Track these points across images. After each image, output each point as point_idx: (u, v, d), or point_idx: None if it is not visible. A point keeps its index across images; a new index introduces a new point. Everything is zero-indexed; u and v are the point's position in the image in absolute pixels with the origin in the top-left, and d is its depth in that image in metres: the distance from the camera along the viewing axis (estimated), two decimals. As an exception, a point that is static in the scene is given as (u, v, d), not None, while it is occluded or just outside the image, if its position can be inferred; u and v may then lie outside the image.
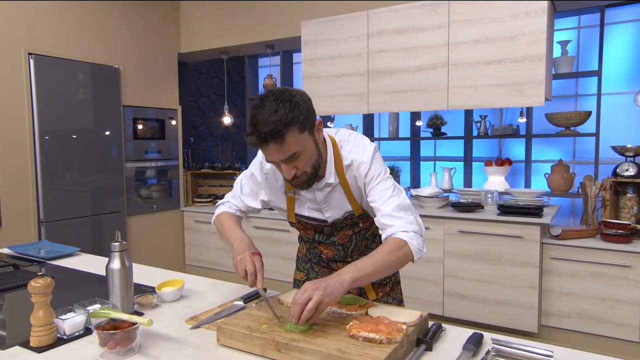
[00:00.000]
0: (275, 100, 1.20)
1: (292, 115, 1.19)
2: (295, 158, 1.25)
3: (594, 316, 2.80)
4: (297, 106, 1.21)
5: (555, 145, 4.07)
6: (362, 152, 1.38)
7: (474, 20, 3.00)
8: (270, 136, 1.19)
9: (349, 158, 1.39)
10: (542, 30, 2.81)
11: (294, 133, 1.21)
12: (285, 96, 1.22)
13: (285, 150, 1.22)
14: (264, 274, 1.29)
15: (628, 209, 2.92)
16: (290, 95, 1.23)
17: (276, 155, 1.24)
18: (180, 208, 4.63)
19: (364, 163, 1.37)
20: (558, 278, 2.88)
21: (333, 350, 1.07)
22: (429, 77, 3.18)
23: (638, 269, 2.67)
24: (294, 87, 4.86)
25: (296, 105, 1.21)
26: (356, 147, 1.40)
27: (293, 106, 1.20)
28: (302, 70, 3.76)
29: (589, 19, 3.83)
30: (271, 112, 1.18)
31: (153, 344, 1.22)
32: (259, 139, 1.20)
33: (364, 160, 1.37)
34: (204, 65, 5.45)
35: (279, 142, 1.20)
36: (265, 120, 1.18)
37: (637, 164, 2.88)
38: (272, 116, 1.18)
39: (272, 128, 1.18)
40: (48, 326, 1.20)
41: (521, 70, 2.90)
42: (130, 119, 4.18)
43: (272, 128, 1.18)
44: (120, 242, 1.41)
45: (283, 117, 1.18)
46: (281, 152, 1.23)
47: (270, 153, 1.25)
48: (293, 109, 1.20)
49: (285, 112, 1.19)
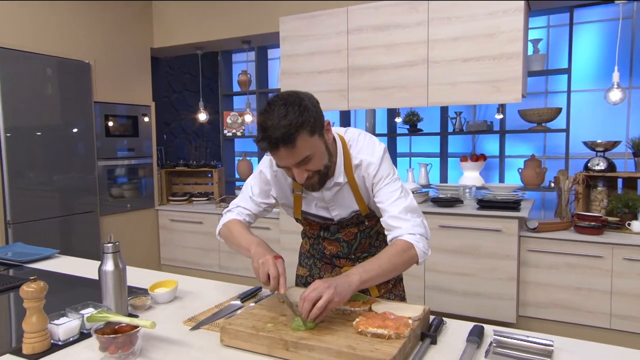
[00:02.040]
0: (284, 104, 1.19)
1: (302, 119, 1.18)
2: (306, 161, 1.24)
3: (569, 305, 2.91)
4: (306, 109, 1.20)
5: (526, 141, 4.20)
6: (372, 153, 1.38)
7: (453, 18, 3.05)
8: (282, 141, 1.17)
9: (358, 158, 1.39)
10: (519, 28, 2.89)
11: (304, 137, 1.20)
12: (294, 100, 1.20)
13: (296, 155, 1.21)
14: (286, 278, 1.26)
15: (598, 202, 3.04)
16: (298, 98, 1.21)
17: (288, 160, 1.23)
18: (154, 207, 4.52)
19: (373, 163, 1.37)
20: (535, 269, 2.97)
21: (343, 347, 1.07)
22: (408, 74, 3.22)
23: (609, 259, 2.78)
24: (269, 83, 4.83)
25: (305, 109, 1.20)
26: (365, 147, 1.40)
27: (302, 110, 1.19)
28: (281, 66, 3.73)
29: (558, 19, 3.96)
30: (281, 116, 1.17)
31: (154, 346, 1.19)
32: (270, 144, 1.19)
33: (373, 160, 1.37)
34: (176, 60, 5.32)
35: (291, 146, 1.19)
36: (276, 125, 1.16)
37: (607, 158, 3.00)
38: (282, 121, 1.16)
39: (283, 133, 1.16)
40: (42, 332, 1.15)
41: (499, 67, 2.97)
42: (102, 115, 4.04)
43: (283, 133, 1.16)
44: (113, 243, 1.36)
45: (293, 121, 1.17)
46: (293, 156, 1.21)
47: (281, 158, 1.23)
48: (303, 113, 1.18)
49: (295, 116, 1.17)
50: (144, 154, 4.45)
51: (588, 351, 1.17)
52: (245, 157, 5.09)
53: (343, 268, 1.57)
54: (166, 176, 4.71)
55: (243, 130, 5.05)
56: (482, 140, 4.35)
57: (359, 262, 1.56)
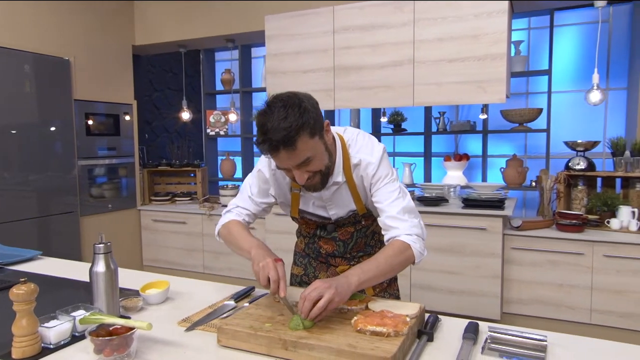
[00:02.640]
0: (284, 106, 1.17)
1: (302, 120, 1.17)
2: (307, 163, 1.24)
3: (551, 302, 2.97)
4: (306, 111, 1.19)
5: (508, 141, 4.27)
6: (371, 153, 1.38)
7: (439, 19, 3.08)
8: (282, 144, 1.16)
9: (357, 157, 1.39)
10: (503, 30, 2.93)
11: (305, 138, 1.19)
12: (294, 101, 1.19)
13: (297, 157, 1.21)
14: (286, 282, 1.25)
15: (579, 200, 3.12)
16: (298, 100, 1.20)
17: (288, 162, 1.22)
18: (137, 207, 4.44)
19: (372, 163, 1.37)
20: (518, 267, 3.03)
21: (344, 346, 1.06)
22: (394, 74, 3.24)
23: (590, 256, 2.85)
24: (253, 82, 4.79)
25: (305, 110, 1.19)
26: (364, 147, 1.40)
27: (302, 111, 1.18)
28: (266, 65, 3.71)
29: (538, 21, 4.04)
30: (280, 118, 1.15)
31: (149, 348, 1.17)
32: (271, 147, 1.18)
33: (373, 160, 1.37)
34: (157, 58, 5.25)
35: (291, 149, 1.18)
36: (276, 127, 1.15)
37: (587, 158, 3.07)
38: (282, 123, 1.15)
39: (283, 135, 1.15)
40: (32, 335, 1.12)
41: (484, 68, 3.01)
42: (82, 114, 3.95)
43: (283, 135, 1.15)
44: (105, 243, 1.33)
45: (293, 123, 1.15)
46: (293, 158, 1.21)
47: (282, 160, 1.22)
48: (303, 114, 1.17)
49: (295, 118, 1.16)
50: (126, 153, 4.37)
51: (581, 346, 1.19)
52: (228, 157, 5.05)
53: (338, 267, 1.57)
54: (148, 176, 4.64)
55: (226, 129, 5.01)
56: (464, 140, 4.41)
57: (355, 261, 1.56)
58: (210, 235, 4.08)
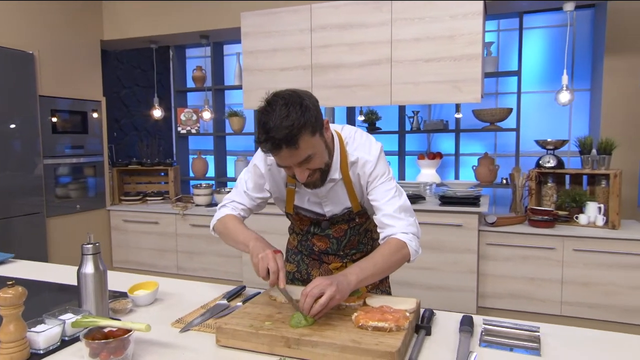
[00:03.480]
0: (285, 104, 1.17)
1: (304, 119, 1.17)
2: (308, 161, 1.24)
3: (524, 295, 3.07)
4: (307, 109, 1.19)
5: (478, 140, 4.39)
6: (369, 151, 1.39)
7: (416, 19, 3.13)
8: (284, 142, 1.16)
9: (355, 155, 1.39)
10: (478, 31, 3.00)
11: (306, 137, 1.19)
12: (295, 99, 1.19)
13: (299, 155, 1.20)
14: (285, 273, 1.24)
15: (549, 197, 3.23)
16: (299, 98, 1.20)
17: (290, 160, 1.22)
18: (106, 207, 4.30)
19: (370, 162, 1.38)
20: (493, 262, 3.11)
21: (347, 342, 1.07)
22: (372, 72, 3.26)
23: (560, 251, 2.96)
24: (226, 79, 4.73)
25: (307, 109, 1.19)
26: (362, 145, 1.40)
27: (304, 109, 1.18)
28: (243, 62, 3.66)
29: (507, 23, 4.17)
30: (282, 117, 1.15)
31: (145, 350, 1.13)
32: (274, 145, 1.17)
33: (370, 159, 1.38)
34: (125, 54, 5.09)
35: (293, 147, 1.18)
36: (278, 125, 1.15)
37: (556, 156, 3.19)
38: (284, 121, 1.15)
39: (285, 134, 1.15)
40: (21, 341, 1.07)
41: (459, 68, 3.07)
42: (47, 110, 3.79)
43: (285, 134, 1.15)
44: (93, 244, 1.28)
45: (295, 121, 1.15)
46: (295, 156, 1.21)
47: (283, 158, 1.22)
48: (304, 113, 1.17)
49: (297, 117, 1.16)
50: (94, 151, 4.22)
51: (570, 335, 1.24)
52: (200, 156, 4.97)
53: (331, 264, 1.57)
54: (118, 175, 4.50)
55: (198, 127, 4.92)
56: (436, 139, 4.50)
57: (348, 258, 1.56)
58: (184, 235, 4.00)
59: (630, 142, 3.60)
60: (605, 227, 2.98)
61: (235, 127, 4.69)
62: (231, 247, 3.99)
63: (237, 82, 4.59)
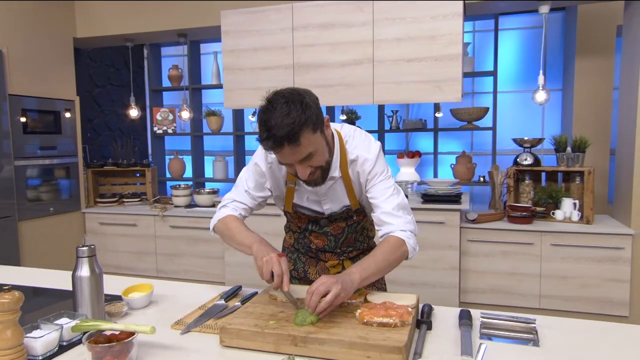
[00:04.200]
0: (286, 102, 1.18)
1: (305, 116, 1.18)
2: (309, 158, 1.24)
3: (504, 290, 3.15)
4: (308, 107, 1.20)
5: (455, 138, 4.48)
6: (368, 149, 1.40)
7: (397, 20, 3.16)
8: (286, 139, 1.17)
9: (355, 153, 1.40)
10: (458, 31, 3.06)
11: (307, 134, 1.20)
12: (295, 97, 1.20)
13: (300, 152, 1.21)
14: (289, 277, 1.23)
15: (526, 194, 3.32)
16: (299, 96, 1.21)
17: (292, 157, 1.22)
18: (81, 210, 4.18)
19: (369, 160, 1.39)
20: (474, 258, 3.18)
21: (355, 338, 1.07)
22: (354, 72, 3.28)
23: (539, 246, 3.06)
24: (202, 78, 4.67)
25: (307, 106, 1.20)
26: (362, 144, 1.41)
27: (305, 107, 1.19)
28: (223, 61, 3.62)
29: (482, 25, 4.27)
30: (283, 114, 1.16)
31: (147, 353, 1.11)
32: (275, 142, 1.17)
33: (370, 157, 1.39)
34: (98, 52, 4.96)
35: (295, 144, 1.18)
36: (279, 123, 1.16)
37: (533, 154, 3.28)
38: (285, 119, 1.16)
39: (287, 131, 1.16)
40: (18, 347, 1.03)
41: (440, 68, 3.12)
42: (18, 110, 3.65)
43: (287, 131, 1.16)
44: (88, 246, 1.25)
45: (296, 119, 1.16)
46: (297, 154, 1.21)
47: (285, 155, 1.22)
48: (305, 110, 1.19)
49: (298, 114, 1.17)
50: (68, 152, 4.09)
51: (565, 325, 1.28)
52: (177, 156, 4.89)
53: (328, 262, 1.57)
54: (93, 176, 4.38)
55: (174, 127, 4.84)
56: (414, 138, 4.56)
57: (344, 256, 1.57)
58: (164, 237, 3.93)
59: (600, 140, 3.75)
60: (580, 222, 3.08)
61: (213, 126, 4.64)
62: (213, 249, 3.93)
63: (214, 81, 4.53)
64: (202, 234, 3.81)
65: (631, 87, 2.96)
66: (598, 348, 1.14)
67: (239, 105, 3.66)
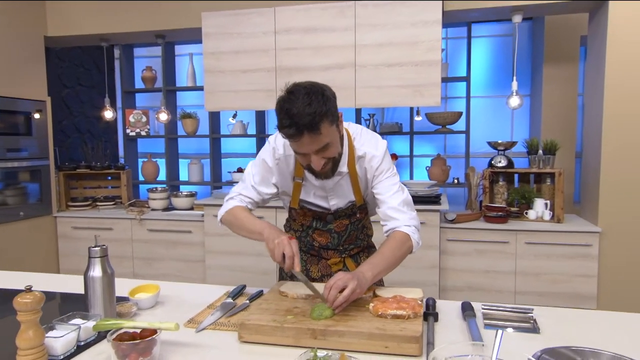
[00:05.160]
0: (307, 93, 1.23)
1: (325, 107, 1.24)
2: (325, 149, 1.29)
3: (481, 287, 3.28)
4: (328, 99, 1.26)
5: (428, 142, 4.61)
6: (376, 147, 1.46)
7: (379, 25, 3.24)
8: (307, 128, 1.21)
9: (362, 150, 1.45)
10: (437, 38, 3.17)
11: (326, 125, 1.25)
12: (317, 89, 1.26)
13: (319, 141, 1.26)
14: (300, 258, 1.28)
15: (500, 195, 3.47)
16: (320, 89, 1.27)
17: (310, 147, 1.26)
18: (52, 214, 4.04)
19: (377, 157, 1.45)
20: (453, 257, 3.29)
21: (373, 329, 1.12)
22: (337, 76, 3.34)
23: (514, 244, 3.20)
24: (177, 80, 4.61)
25: (327, 99, 1.26)
26: (369, 141, 1.47)
27: (325, 99, 1.25)
28: (204, 63, 3.60)
29: (455, 32, 4.42)
30: (305, 104, 1.21)
31: (167, 351, 1.12)
32: (297, 130, 1.22)
33: (377, 154, 1.45)
34: (67, 52, 4.82)
35: (315, 133, 1.23)
36: (301, 112, 1.20)
37: (507, 156, 3.43)
38: (307, 108, 1.21)
39: (309, 120, 1.20)
40: (39, 347, 1.02)
41: (420, 73, 3.23)
42: (-14, 110, 3.51)
43: (309, 120, 1.20)
44: (100, 246, 1.24)
45: (318, 109, 1.22)
46: (315, 143, 1.26)
47: (303, 144, 1.26)
48: (326, 102, 1.24)
49: (319, 105, 1.22)
50: (38, 155, 3.95)
51: (560, 315, 1.37)
52: (150, 158, 4.80)
53: (330, 260, 1.61)
54: (65, 179, 4.25)
55: (148, 129, 4.76)
56: (390, 141, 4.66)
57: (346, 254, 1.62)
58: (141, 241, 3.86)
59: (567, 143, 3.96)
60: (551, 221, 3.25)
61: (188, 129, 4.59)
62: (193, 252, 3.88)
63: (190, 83, 4.50)
64: (181, 237, 3.77)
65: (597, 94, 3.15)
66: (590, 332, 1.23)
67: (220, 107, 3.65)
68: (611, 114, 3.00)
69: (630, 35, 2.93)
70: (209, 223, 3.61)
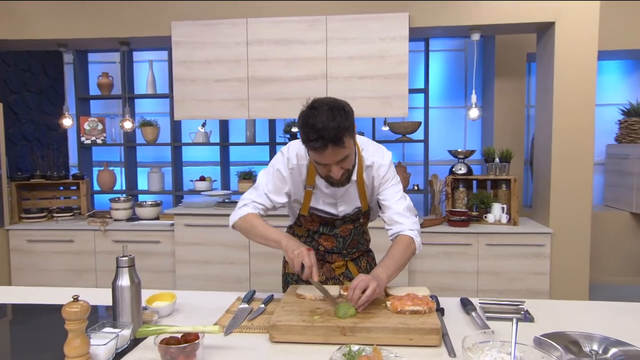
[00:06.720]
0: (330, 109, 1.33)
1: (347, 122, 1.34)
2: (344, 160, 1.40)
3: (448, 287, 3.47)
4: (349, 115, 1.37)
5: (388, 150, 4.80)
6: (382, 157, 1.59)
7: (349, 39, 3.38)
8: (332, 141, 1.31)
9: (371, 160, 1.57)
10: (405, 53, 3.36)
11: (348, 138, 1.36)
12: (338, 105, 1.36)
13: (341, 153, 1.36)
14: (317, 268, 1.36)
15: (461, 200, 3.71)
16: (341, 104, 1.37)
17: (332, 158, 1.36)
18: (4, 227, 3.82)
19: (384, 166, 1.57)
20: (420, 260, 3.47)
21: (397, 324, 1.22)
22: (309, 86, 3.43)
23: (476, 246, 3.42)
24: (135, 87, 4.52)
25: (348, 114, 1.37)
26: (376, 152, 1.60)
27: (347, 114, 1.35)
28: (174, 72, 3.57)
29: (412, 45, 4.66)
30: (329, 119, 1.30)
31: (206, 353, 1.17)
32: (323, 143, 1.31)
33: (384, 163, 1.58)
34: (12, 55, 4.57)
35: (339, 146, 1.33)
36: (327, 126, 1.30)
37: (466, 164, 3.68)
38: (331, 123, 1.30)
39: (334, 134, 1.30)
40: (85, 356, 1.04)
41: (389, 85, 3.40)
42: None
43: (334, 134, 1.30)
44: (128, 256, 1.26)
45: (341, 123, 1.32)
46: (337, 154, 1.36)
47: (327, 156, 1.35)
48: (347, 117, 1.35)
49: (342, 120, 1.32)
50: (-11, 164, 3.73)
51: (547, 305, 1.54)
52: (107, 167, 4.65)
53: (334, 263, 1.71)
54: (16, 190, 4.02)
55: (104, 137, 4.62)
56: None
57: (348, 257, 1.72)
58: (105, 253, 3.74)
59: (517, 152, 4.29)
60: (508, 224, 3.51)
61: (148, 137, 4.50)
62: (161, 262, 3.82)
63: (150, 91, 4.43)
64: (149, 248, 3.69)
65: (546, 106, 3.46)
66: (579, 319, 1.41)
67: (190, 116, 3.63)
68: (560, 126, 3.32)
69: (575, 53, 3.27)
70: (180, 232, 3.58)
